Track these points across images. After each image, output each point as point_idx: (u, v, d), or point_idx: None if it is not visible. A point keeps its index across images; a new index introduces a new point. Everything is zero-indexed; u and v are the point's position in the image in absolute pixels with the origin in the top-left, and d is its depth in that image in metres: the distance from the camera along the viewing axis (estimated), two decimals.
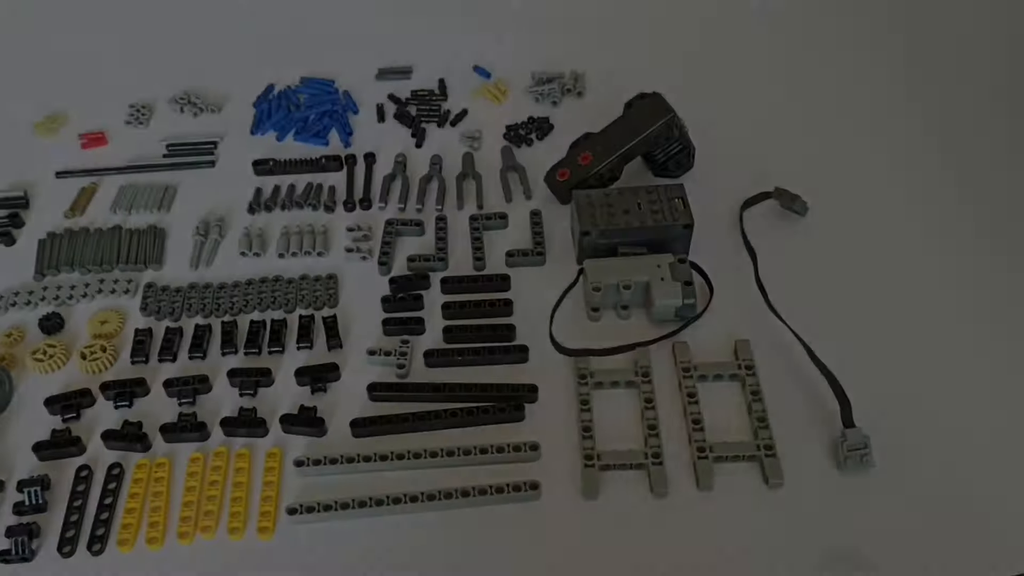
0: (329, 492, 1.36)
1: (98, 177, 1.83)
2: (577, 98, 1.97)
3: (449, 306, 1.58)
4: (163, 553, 1.32)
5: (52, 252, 1.68)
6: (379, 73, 2.03)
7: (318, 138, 1.89)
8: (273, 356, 1.54)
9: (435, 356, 1.52)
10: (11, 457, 1.43)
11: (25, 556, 1.30)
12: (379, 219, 1.74)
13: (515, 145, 1.88)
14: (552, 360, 1.53)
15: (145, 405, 1.49)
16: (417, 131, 1.90)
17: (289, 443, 1.44)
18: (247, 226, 1.73)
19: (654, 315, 1.54)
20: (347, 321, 1.58)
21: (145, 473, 1.40)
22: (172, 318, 1.59)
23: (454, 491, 1.35)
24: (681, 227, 1.60)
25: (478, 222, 1.71)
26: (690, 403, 1.44)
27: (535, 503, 1.36)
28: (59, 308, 1.61)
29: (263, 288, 1.62)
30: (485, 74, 2.03)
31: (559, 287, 1.62)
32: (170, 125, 1.94)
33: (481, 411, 1.44)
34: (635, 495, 1.36)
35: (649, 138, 1.69)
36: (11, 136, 1.92)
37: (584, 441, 1.40)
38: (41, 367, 1.51)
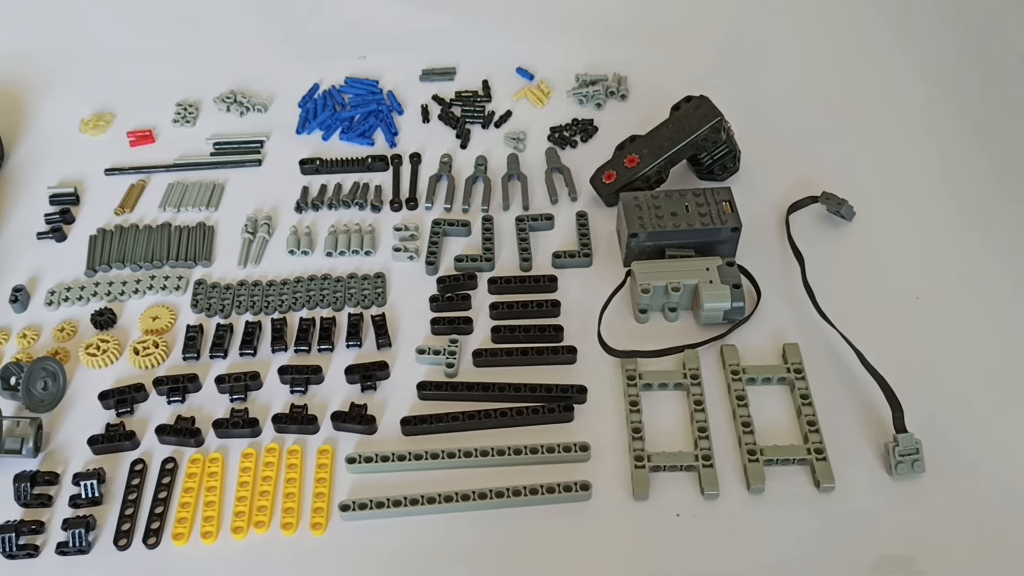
0: (379, 489, 1.38)
1: (146, 174, 1.85)
2: (620, 101, 1.98)
3: (497, 306, 1.59)
4: (217, 547, 1.34)
5: (103, 248, 1.70)
6: (423, 74, 2.04)
7: (364, 138, 1.90)
8: (323, 354, 1.55)
9: (484, 356, 1.52)
10: (65, 450, 1.44)
11: (82, 548, 1.32)
12: (425, 219, 1.75)
13: (559, 147, 1.88)
14: (599, 361, 1.53)
15: (197, 400, 1.50)
16: (462, 132, 1.91)
17: (339, 440, 1.45)
18: (295, 224, 1.75)
19: (702, 318, 1.54)
20: (395, 320, 1.59)
21: (199, 468, 1.41)
22: (222, 315, 1.61)
23: (506, 490, 1.36)
24: (729, 230, 1.60)
25: (524, 223, 1.72)
26: (739, 406, 1.44)
27: (585, 503, 1.37)
28: (110, 304, 1.62)
29: (312, 286, 1.63)
30: (528, 76, 2.04)
31: (605, 288, 1.62)
32: (216, 124, 1.95)
33: (531, 411, 1.45)
34: (685, 497, 1.37)
35: (696, 141, 1.70)
36: (60, 134, 1.94)
37: (634, 442, 1.41)
38: (94, 362, 1.53)
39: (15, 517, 1.36)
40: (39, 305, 1.63)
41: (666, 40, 2.11)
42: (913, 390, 1.42)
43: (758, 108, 1.92)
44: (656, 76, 2.01)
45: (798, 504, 1.35)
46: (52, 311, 1.62)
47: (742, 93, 1.93)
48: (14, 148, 1.91)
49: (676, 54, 2.07)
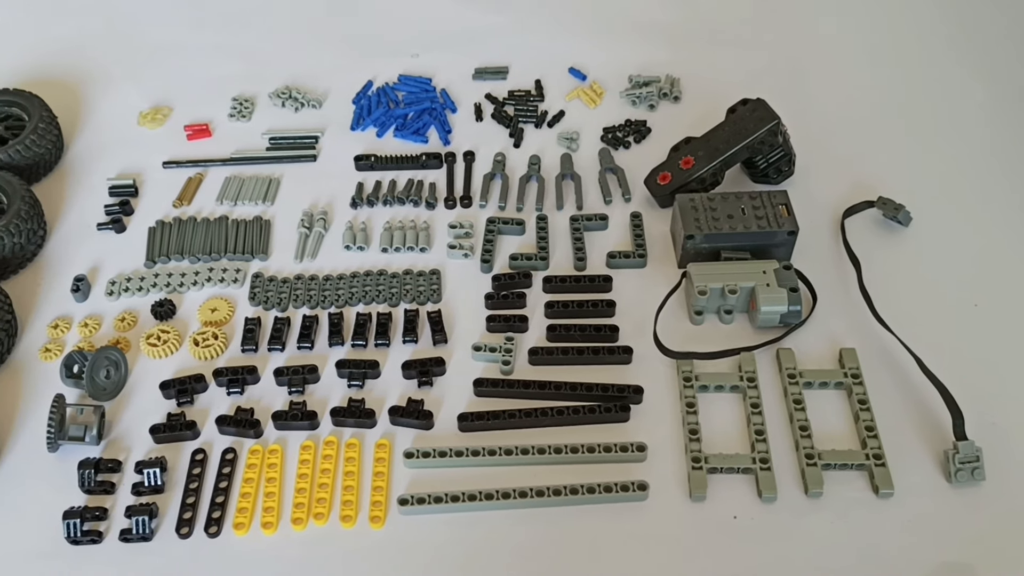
0: (436, 484, 1.39)
1: (203, 168, 1.87)
2: (673, 103, 1.98)
3: (552, 305, 1.59)
4: (277, 537, 1.35)
5: (162, 240, 1.72)
6: (476, 72, 2.05)
7: (418, 135, 1.91)
8: (379, 349, 1.57)
9: (540, 354, 1.53)
10: (127, 438, 1.47)
11: (145, 536, 1.34)
12: (479, 217, 1.76)
13: (612, 147, 1.89)
14: (654, 361, 1.54)
15: (255, 392, 1.52)
16: (515, 131, 1.91)
17: (396, 435, 1.46)
18: (350, 220, 1.76)
19: (758, 321, 1.54)
20: (450, 316, 1.60)
21: (258, 459, 1.43)
22: (279, 308, 1.62)
23: (563, 488, 1.36)
24: (786, 234, 1.60)
25: (578, 222, 1.72)
26: (796, 410, 1.44)
27: (641, 503, 1.37)
28: (169, 295, 1.65)
29: (367, 281, 1.65)
30: (580, 76, 2.04)
31: (659, 289, 1.62)
32: (272, 119, 1.97)
33: (587, 410, 1.45)
34: (743, 499, 1.37)
35: (753, 144, 1.70)
36: (119, 126, 1.96)
37: (691, 443, 1.41)
38: (155, 352, 1.55)
39: (78, 503, 1.38)
40: (100, 295, 1.65)
41: (719, 42, 2.11)
42: (973, 397, 1.42)
43: (812, 111, 1.91)
44: (709, 78, 2.01)
45: (856, 509, 1.35)
46: (113, 301, 1.64)
47: (796, 96, 1.93)
48: (73, 140, 1.94)
49: (729, 56, 2.06)
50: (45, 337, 1.59)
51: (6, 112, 1.87)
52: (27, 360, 1.56)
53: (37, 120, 1.82)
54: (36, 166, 1.82)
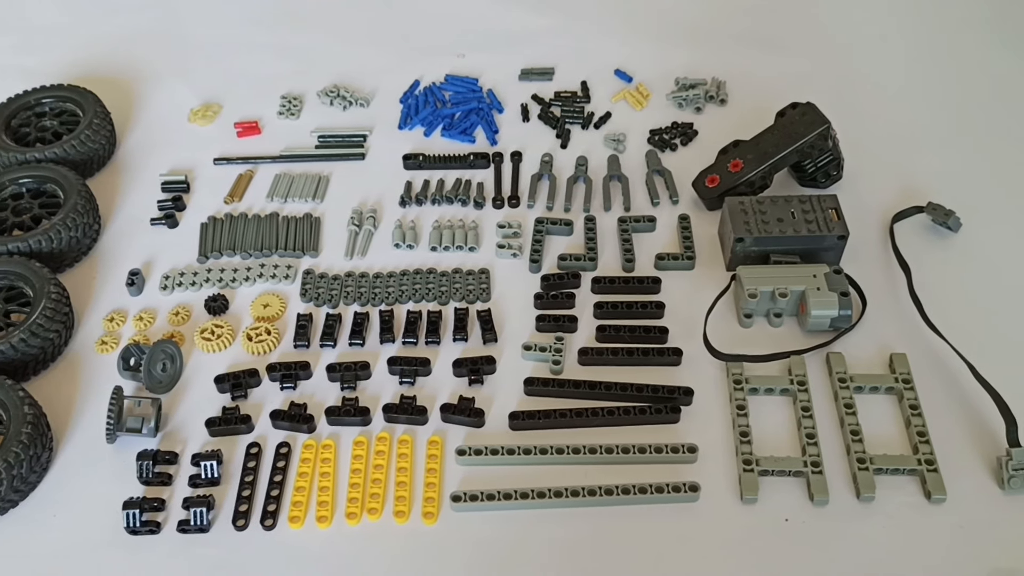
0: (487, 482, 1.40)
1: (253, 165, 1.89)
2: (719, 105, 1.98)
3: (601, 306, 1.60)
4: (331, 531, 1.37)
5: (214, 236, 1.74)
6: (522, 73, 2.06)
7: (465, 135, 1.92)
8: (430, 346, 1.58)
9: (590, 354, 1.54)
10: (182, 431, 1.49)
11: (202, 527, 1.36)
12: (527, 217, 1.77)
13: (659, 149, 1.89)
14: (703, 363, 1.54)
15: (307, 388, 1.54)
16: (562, 132, 1.92)
17: (447, 432, 1.47)
18: (399, 218, 1.78)
19: (808, 324, 1.54)
20: (499, 315, 1.62)
21: (312, 453, 1.44)
22: (330, 305, 1.64)
23: (615, 488, 1.37)
24: (836, 238, 1.60)
25: (626, 224, 1.73)
26: (848, 414, 1.44)
27: (692, 505, 1.38)
28: (222, 290, 1.67)
29: (417, 280, 1.66)
30: (626, 78, 2.05)
31: (707, 291, 1.63)
32: (320, 117, 1.99)
33: (638, 411, 1.46)
34: (793, 502, 1.37)
35: (803, 148, 1.70)
36: (170, 123, 1.99)
37: (742, 445, 1.42)
38: (209, 346, 1.57)
39: (135, 494, 1.40)
40: (154, 289, 1.67)
41: (765, 45, 2.11)
42: None
43: (860, 115, 1.91)
44: (755, 81, 2.02)
45: (908, 514, 1.35)
46: (166, 295, 1.67)
47: (843, 99, 1.92)
48: (125, 135, 1.96)
49: (775, 59, 2.07)
50: (101, 330, 1.62)
51: (61, 108, 1.90)
52: (83, 352, 1.59)
53: (91, 116, 1.85)
54: (90, 161, 1.85)
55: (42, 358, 1.54)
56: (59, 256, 1.67)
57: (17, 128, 1.87)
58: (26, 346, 1.49)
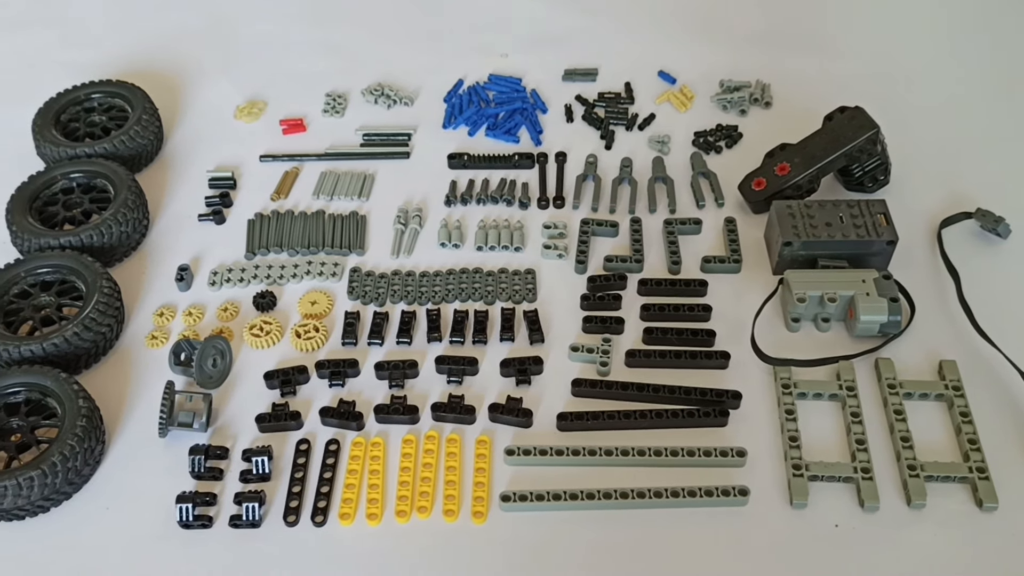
0: (535, 482, 1.40)
1: (299, 162, 1.90)
2: (764, 108, 1.98)
3: (648, 308, 1.60)
4: (381, 529, 1.38)
5: (261, 232, 1.75)
6: (565, 74, 2.06)
7: (509, 135, 1.93)
8: (476, 346, 1.59)
9: (637, 356, 1.54)
10: (232, 426, 1.50)
11: (254, 522, 1.37)
12: (572, 218, 1.78)
13: (704, 152, 1.89)
14: (750, 367, 1.54)
15: (355, 385, 1.55)
16: (606, 133, 1.92)
17: (495, 432, 1.48)
18: (444, 217, 1.78)
19: (857, 330, 1.54)
20: (545, 316, 1.62)
21: (361, 451, 1.45)
22: (377, 303, 1.65)
23: (664, 490, 1.37)
24: (884, 243, 1.60)
25: (672, 226, 1.73)
26: (898, 420, 1.44)
27: (741, 508, 1.38)
28: (270, 286, 1.68)
29: (463, 279, 1.67)
30: (670, 80, 2.04)
31: (753, 295, 1.63)
32: (364, 116, 2.00)
33: (687, 414, 1.46)
34: (843, 507, 1.37)
35: (851, 152, 1.69)
36: (216, 119, 2.00)
37: (791, 450, 1.41)
38: (258, 342, 1.58)
39: (186, 488, 1.41)
40: (202, 285, 1.69)
41: (809, 48, 2.10)
42: None
43: (906, 119, 1.90)
44: (799, 84, 2.01)
45: (959, 522, 1.35)
46: (215, 291, 1.68)
47: (889, 102, 1.91)
48: (172, 131, 1.98)
49: (820, 62, 2.06)
50: (150, 324, 1.63)
51: (109, 103, 1.92)
52: (133, 346, 1.60)
53: (140, 111, 1.86)
54: (138, 157, 1.86)
55: (94, 352, 1.55)
56: (109, 251, 1.68)
57: (67, 123, 1.88)
58: (79, 340, 1.51)
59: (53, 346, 1.49)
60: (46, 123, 1.84)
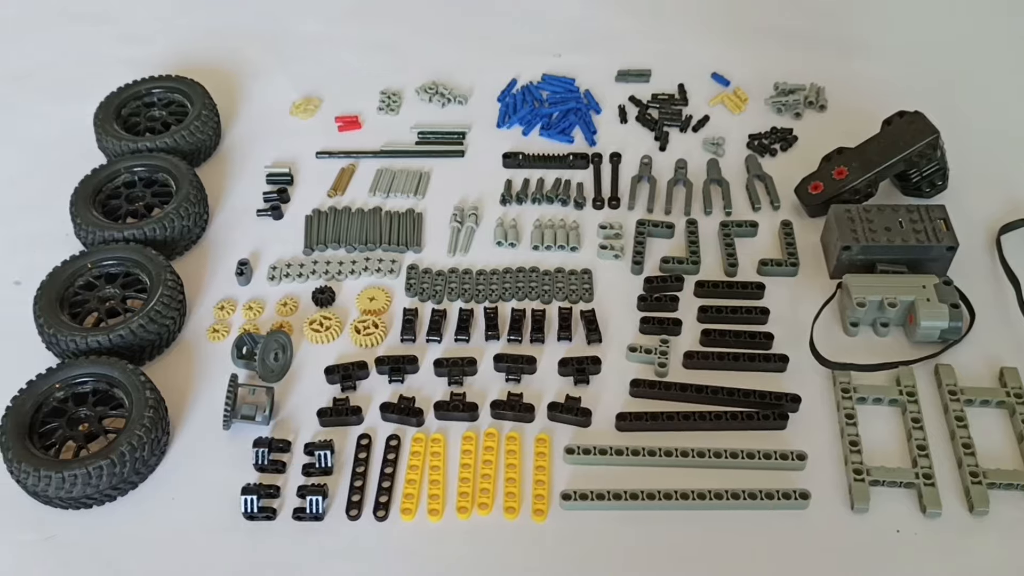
0: (594, 481, 1.41)
1: (355, 159, 1.91)
2: (819, 111, 1.97)
3: (706, 310, 1.61)
4: (442, 525, 1.39)
5: (319, 228, 1.77)
6: (619, 74, 2.07)
7: (564, 135, 1.93)
8: (534, 345, 1.59)
9: (695, 358, 1.54)
10: (293, 420, 1.51)
11: (317, 515, 1.38)
12: (627, 218, 1.78)
13: (758, 154, 1.89)
14: (807, 371, 1.54)
15: (414, 381, 1.56)
16: (660, 134, 1.93)
17: (553, 430, 1.49)
18: (500, 216, 1.79)
19: (917, 335, 1.53)
20: (602, 316, 1.62)
21: (421, 447, 1.46)
22: (434, 300, 1.66)
23: (724, 492, 1.38)
24: (944, 249, 1.59)
25: (728, 228, 1.73)
26: (959, 427, 1.44)
27: (801, 512, 1.38)
28: (328, 282, 1.69)
29: (520, 278, 1.68)
30: (724, 82, 2.04)
31: (810, 298, 1.63)
32: (418, 114, 2.01)
33: (746, 416, 1.47)
34: (905, 513, 1.37)
35: (910, 156, 1.69)
36: (272, 116, 2.02)
37: (852, 455, 1.41)
38: (318, 337, 1.60)
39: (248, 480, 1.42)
40: (262, 279, 1.71)
41: (864, 50, 2.10)
42: None
43: (963, 124, 1.88)
44: (854, 88, 2.01)
45: (1022, 530, 1.34)
46: (274, 286, 1.70)
47: (945, 106, 1.89)
48: (229, 127, 2.00)
49: (875, 65, 2.06)
50: (211, 318, 1.65)
51: (169, 98, 1.94)
52: (195, 339, 1.62)
53: (200, 107, 1.89)
54: (197, 152, 1.88)
55: (157, 344, 1.57)
56: (171, 244, 1.70)
57: (127, 117, 1.91)
58: (144, 332, 1.53)
59: (119, 337, 1.51)
60: (107, 117, 1.87)
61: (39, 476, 1.35)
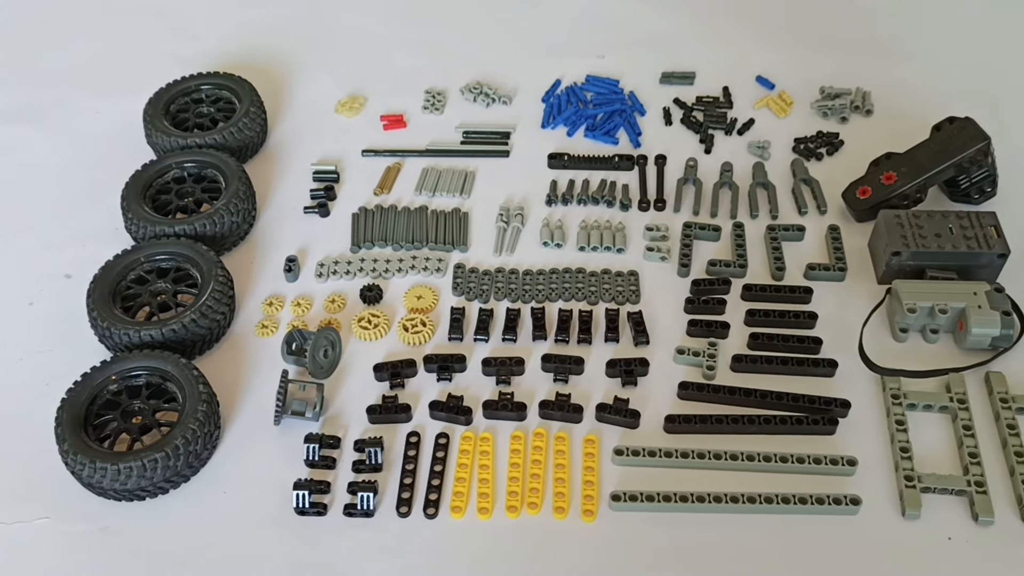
0: (642, 483, 1.41)
1: (400, 158, 1.92)
2: (865, 116, 1.97)
3: (754, 313, 1.61)
4: (492, 523, 1.39)
5: (365, 226, 1.78)
6: (663, 77, 2.07)
7: (609, 136, 1.94)
8: (581, 346, 1.60)
9: (744, 361, 1.54)
10: (342, 416, 1.52)
11: (368, 512, 1.39)
12: (672, 221, 1.78)
13: (804, 158, 1.88)
14: (856, 376, 1.54)
15: (461, 380, 1.56)
16: (706, 137, 1.93)
17: (601, 431, 1.49)
18: (546, 217, 1.80)
19: (967, 342, 1.53)
20: (649, 318, 1.62)
21: (470, 445, 1.47)
22: (481, 299, 1.66)
23: (774, 496, 1.38)
24: (996, 256, 1.59)
25: (775, 232, 1.73)
26: (1011, 435, 1.43)
27: (851, 518, 1.38)
28: (375, 280, 1.70)
29: (567, 278, 1.68)
30: (769, 85, 2.04)
31: (858, 303, 1.63)
32: (463, 113, 2.02)
33: (795, 420, 1.46)
34: (957, 520, 1.37)
35: (961, 163, 1.68)
36: (317, 113, 2.02)
37: (903, 461, 1.41)
38: (366, 335, 1.61)
39: (298, 475, 1.43)
40: (309, 276, 1.72)
41: (910, 55, 2.09)
42: None
43: (1011, 128, 1.88)
44: (901, 92, 2.00)
45: None
46: (321, 283, 1.71)
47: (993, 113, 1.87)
48: (275, 124, 2.01)
49: (921, 70, 2.04)
50: (260, 313, 1.66)
51: (217, 95, 1.95)
52: (244, 335, 1.64)
53: (248, 104, 1.90)
54: (244, 149, 1.89)
55: (207, 339, 1.59)
56: (220, 240, 1.72)
57: (176, 113, 1.92)
58: (196, 326, 1.54)
59: (172, 332, 1.53)
60: (157, 113, 1.88)
61: (95, 468, 1.37)
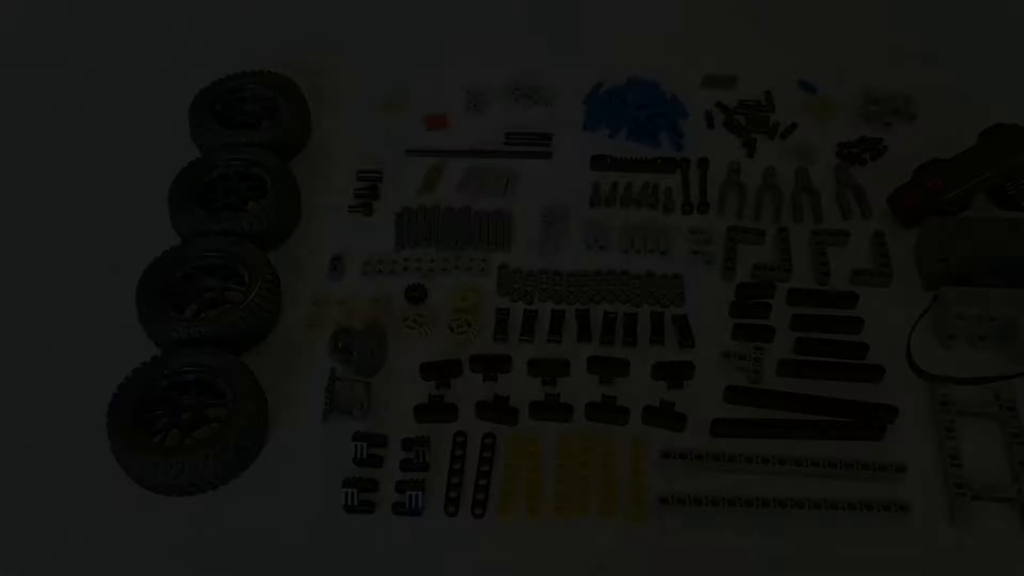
0: (690, 486, 1.42)
1: (443, 158, 1.93)
2: (908, 121, 1.96)
3: (799, 318, 1.60)
4: (540, 523, 1.40)
5: (409, 226, 1.79)
6: (704, 80, 2.06)
7: (651, 139, 1.94)
8: (625, 348, 1.60)
9: (789, 366, 1.54)
10: (387, 415, 1.53)
11: (416, 511, 1.40)
12: (715, 224, 1.78)
13: (848, 163, 1.88)
14: (903, 383, 1.53)
15: (506, 381, 1.57)
16: (748, 141, 1.92)
17: (647, 434, 1.49)
18: (589, 219, 1.80)
19: (1018, 350, 1.52)
20: (693, 321, 1.62)
21: (517, 446, 1.47)
22: (525, 300, 1.67)
23: (823, 502, 1.38)
24: None
25: (820, 237, 1.73)
26: None
27: (900, 524, 1.37)
28: (420, 280, 1.71)
29: (611, 281, 1.68)
30: (810, 89, 2.04)
31: (903, 310, 1.62)
32: (505, 115, 2.02)
33: (843, 426, 1.46)
34: (1006, 529, 1.36)
35: (1009, 170, 1.68)
36: (360, 113, 2.03)
37: (952, 468, 1.41)
38: (412, 334, 1.61)
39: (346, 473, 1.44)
40: (354, 275, 1.72)
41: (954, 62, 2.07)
42: None
43: None
44: (944, 98, 1.98)
45: None
46: (367, 282, 1.71)
47: None
48: (318, 123, 2.01)
49: (965, 76, 2.03)
50: (306, 312, 1.67)
51: (261, 94, 1.96)
52: (289, 333, 1.65)
53: (291, 103, 1.91)
54: (288, 147, 1.90)
55: (254, 336, 1.60)
56: (265, 238, 1.73)
57: (220, 111, 1.93)
58: (244, 324, 1.55)
59: (221, 329, 1.54)
60: (202, 111, 1.89)
61: (146, 463, 1.38)
